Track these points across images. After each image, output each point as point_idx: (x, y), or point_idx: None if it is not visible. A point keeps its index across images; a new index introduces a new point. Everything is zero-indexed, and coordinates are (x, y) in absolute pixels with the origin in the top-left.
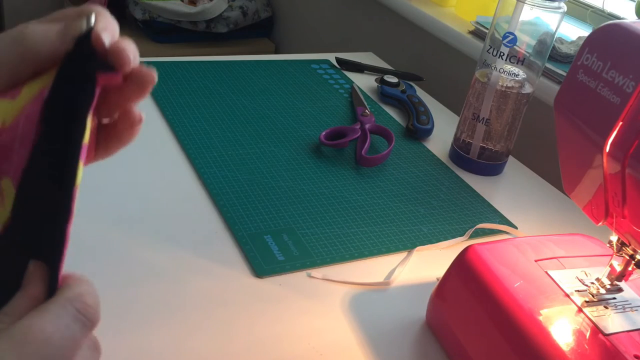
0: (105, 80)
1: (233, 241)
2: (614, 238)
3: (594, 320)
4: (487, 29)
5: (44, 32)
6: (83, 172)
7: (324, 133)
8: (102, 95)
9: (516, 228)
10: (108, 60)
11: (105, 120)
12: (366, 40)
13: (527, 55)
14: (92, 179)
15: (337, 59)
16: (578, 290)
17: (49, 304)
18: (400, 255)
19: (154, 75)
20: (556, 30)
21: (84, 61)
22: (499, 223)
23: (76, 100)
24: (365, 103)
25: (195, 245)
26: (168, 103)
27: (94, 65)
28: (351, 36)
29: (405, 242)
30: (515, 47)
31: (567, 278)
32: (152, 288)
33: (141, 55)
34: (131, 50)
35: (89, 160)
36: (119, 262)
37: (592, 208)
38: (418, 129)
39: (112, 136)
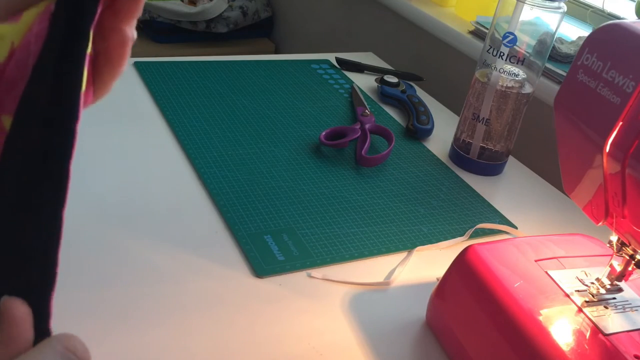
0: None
1: (233, 241)
2: (614, 238)
3: (594, 320)
4: (487, 29)
5: None
6: (80, 169)
7: (324, 133)
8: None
9: (516, 228)
10: None
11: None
12: (366, 40)
13: (527, 55)
14: (91, 178)
15: (337, 59)
16: (578, 290)
17: (36, 346)
18: (400, 255)
19: None
20: (556, 30)
21: None
22: (499, 223)
23: (78, 7)
24: (365, 103)
25: (195, 245)
26: (168, 103)
27: None
28: (351, 36)
29: (405, 242)
30: (515, 47)
31: (567, 278)
32: (152, 288)
33: (141, 55)
34: None
35: (87, 100)
36: (118, 262)
37: (592, 208)
38: (418, 129)
39: (103, 62)
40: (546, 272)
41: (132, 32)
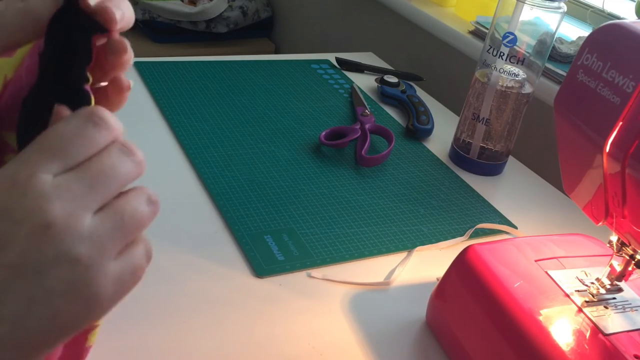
0: (98, 40)
1: (233, 241)
2: (614, 238)
3: (594, 320)
4: (487, 29)
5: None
6: None
7: (324, 133)
8: (95, 60)
9: (516, 228)
10: (97, 20)
11: (99, 84)
12: (366, 40)
13: (527, 55)
14: None
15: (337, 59)
16: (578, 290)
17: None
18: (400, 255)
19: (125, 44)
20: (556, 30)
21: (72, 14)
22: (499, 223)
23: (68, 45)
24: (365, 103)
25: (195, 245)
26: (168, 103)
27: (83, 18)
28: (351, 36)
29: (405, 242)
30: (515, 47)
31: (567, 278)
32: (152, 288)
33: (141, 55)
34: (117, 9)
35: None
36: None
37: (592, 208)
38: (418, 129)
39: (103, 102)
40: (546, 272)
41: (128, 82)
